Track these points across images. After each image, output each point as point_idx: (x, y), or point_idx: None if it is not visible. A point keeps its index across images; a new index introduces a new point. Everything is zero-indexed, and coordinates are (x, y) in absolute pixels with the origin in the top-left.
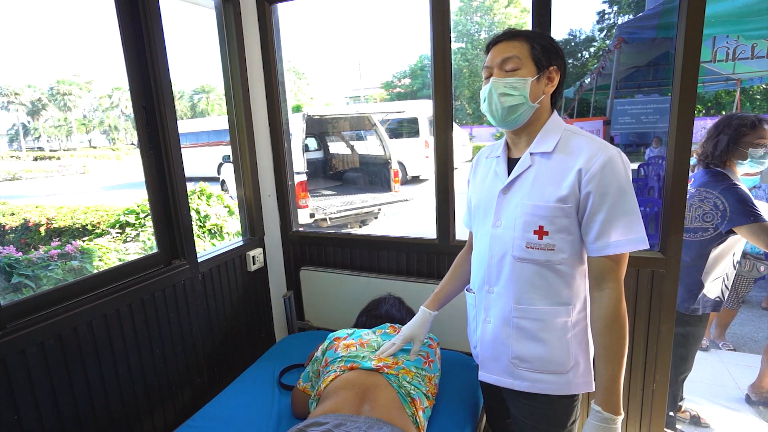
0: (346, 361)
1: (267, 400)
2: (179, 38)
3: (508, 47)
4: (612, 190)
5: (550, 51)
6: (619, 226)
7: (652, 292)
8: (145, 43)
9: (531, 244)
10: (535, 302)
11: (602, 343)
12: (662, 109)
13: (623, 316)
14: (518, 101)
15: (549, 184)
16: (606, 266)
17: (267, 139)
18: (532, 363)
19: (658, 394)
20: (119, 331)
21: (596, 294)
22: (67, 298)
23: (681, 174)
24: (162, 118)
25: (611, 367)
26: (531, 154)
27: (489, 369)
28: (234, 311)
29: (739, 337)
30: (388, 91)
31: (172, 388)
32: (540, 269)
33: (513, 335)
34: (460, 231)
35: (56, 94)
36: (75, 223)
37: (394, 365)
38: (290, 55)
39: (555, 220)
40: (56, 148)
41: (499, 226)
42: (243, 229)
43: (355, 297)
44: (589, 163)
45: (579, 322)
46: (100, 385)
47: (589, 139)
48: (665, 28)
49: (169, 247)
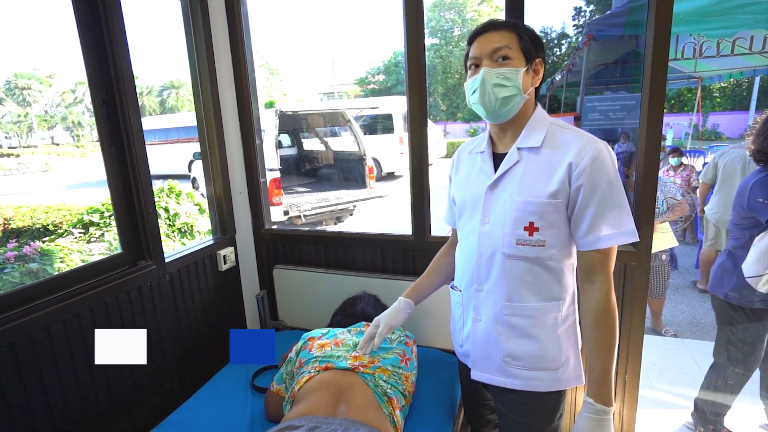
0: (321, 361)
1: (239, 403)
2: (146, 31)
3: (497, 37)
4: (602, 184)
5: (537, 42)
6: (609, 219)
7: (624, 284)
8: (104, 30)
9: (521, 240)
10: (526, 299)
11: (593, 336)
12: (629, 106)
13: (613, 309)
14: (512, 92)
15: (539, 179)
16: (596, 260)
17: (237, 135)
18: (524, 360)
19: (630, 383)
20: (80, 336)
21: (586, 287)
22: (21, 302)
23: (651, 168)
24: (124, 111)
25: (602, 360)
26: (518, 149)
27: (481, 368)
28: (205, 312)
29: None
30: (362, 88)
31: (140, 394)
32: (530, 266)
33: (504, 333)
34: (436, 227)
35: (14, 88)
36: (35, 224)
37: (370, 364)
38: (263, 51)
39: (545, 216)
40: (15, 145)
41: (488, 223)
42: (213, 227)
43: (330, 295)
44: (579, 157)
45: (568, 317)
46: (58, 396)
47: (576, 133)
48: (632, 25)
49: (134, 248)
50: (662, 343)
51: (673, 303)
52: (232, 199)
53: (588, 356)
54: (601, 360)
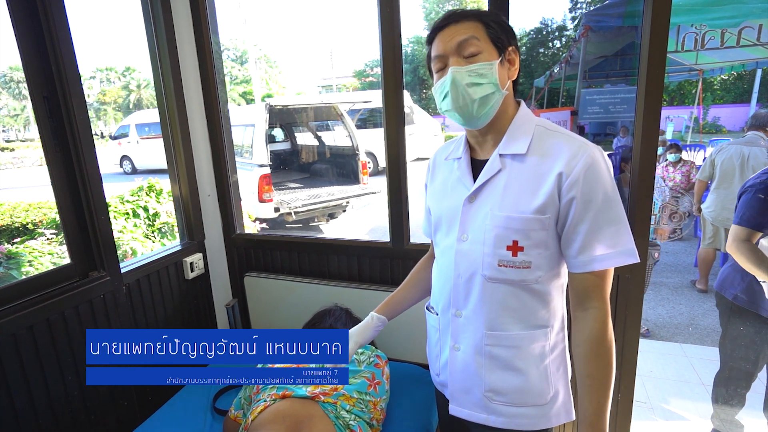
0: (279, 388)
1: (198, 428)
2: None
3: (461, 29)
4: (597, 197)
5: (506, 29)
6: (605, 237)
7: (618, 297)
8: (41, 19)
9: (504, 261)
10: (509, 327)
11: (586, 370)
12: (629, 99)
13: (610, 340)
14: (489, 90)
15: (524, 191)
16: (590, 283)
17: (204, 132)
18: (507, 396)
19: (623, 402)
20: (16, 359)
21: (579, 314)
22: None
23: (647, 169)
24: (68, 108)
25: (597, 398)
26: (500, 156)
27: (460, 402)
28: (169, 325)
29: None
30: (361, 80)
31: (91, 417)
32: (514, 290)
33: (486, 365)
34: (415, 233)
35: (10, 81)
36: (14, 222)
37: (332, 392)
38: (261, 43)
39: (531, 234)
40: (12, 139)
41: (466, 241)
42: (180, 232)
43: (305, 305)
44: (570, 166)
45: (557, 345)
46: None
47: (567, 137)
48: (631, 16)
49: (84, 258)
50: (659, 347)
51: (671, 304)
52: (200, 202)
53: (580, 393)
54: (596, 399)
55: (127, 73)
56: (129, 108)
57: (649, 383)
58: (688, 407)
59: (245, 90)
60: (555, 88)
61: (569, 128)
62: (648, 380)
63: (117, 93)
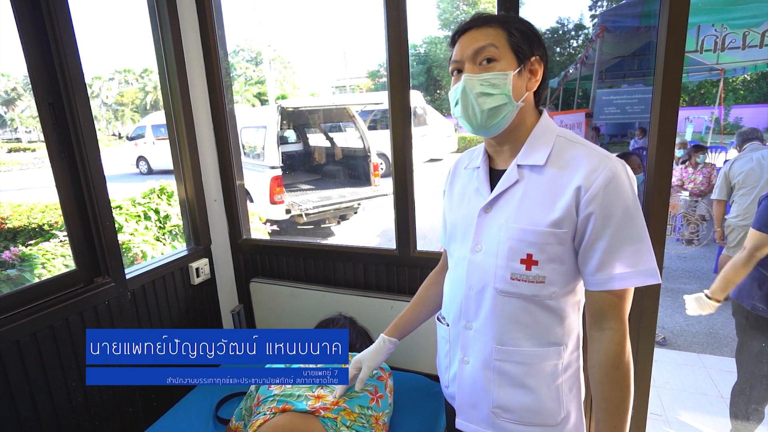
0: (279, 401)
1: None
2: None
3: (481, 35)
4: (617, 213)
5: (531, 38)
6: (625, 255)
7: (632, 308)
8: (47, 24)
9: (517, 275)
10: (520, 343)
11: (602, 394)
12: (646, 100)
13: (627, 362)
14: (500, 101)
15: (540, 204)
16: (608, 302)
17: (211, 136)
18: (516, 413)
19: (637, 415)
20: (20, 366)
21: (595, 335)
22: None
23: (663, 175)
24: (74, 115)
25: (612, 423)
26: (518, 167)
27: (467, 417)
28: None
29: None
30: (374, 81)
31: (96, 423)
32: (526, 304)
33: (494, 380)
34: (422, 240)
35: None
36: (31, 223)
37: (333, 406)
38: (276, 44)
39: (546, 248)
40: (35, 140)
41: (479, 251)
42: (187, 237)
43: (310, 312)
44: (590, 180)
45: (571, 364)
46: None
47: (588, 149)
48: (648, 16)
49: (90, 264)
50: (676, 357)
51: None
52: (207, 207)
53: (595, 416)
54: (611, 423)
55: (145, 75)
56: (146, 109)
57: (664, 395)
58: (705, 421)
59: (260, 90)
60: (570, 88)
61: (584, 130)
62: (664, 391)
63: (134, 94)
